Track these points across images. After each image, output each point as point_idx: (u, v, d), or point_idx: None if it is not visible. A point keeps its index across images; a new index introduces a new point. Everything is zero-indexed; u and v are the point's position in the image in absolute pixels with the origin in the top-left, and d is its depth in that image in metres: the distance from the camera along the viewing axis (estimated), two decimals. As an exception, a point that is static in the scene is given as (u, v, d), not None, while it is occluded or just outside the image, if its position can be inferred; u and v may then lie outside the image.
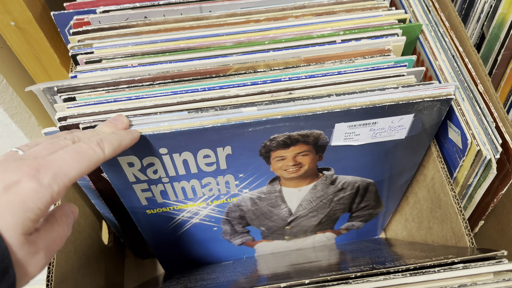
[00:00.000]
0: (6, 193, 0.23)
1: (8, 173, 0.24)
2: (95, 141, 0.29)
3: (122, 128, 0.33)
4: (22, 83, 0.63)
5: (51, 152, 0.27)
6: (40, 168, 0.25)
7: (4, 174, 0.24)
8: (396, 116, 0.36)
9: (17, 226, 0.23)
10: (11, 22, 0.51)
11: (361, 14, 0.43)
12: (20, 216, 0.23)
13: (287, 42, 0.41)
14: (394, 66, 0.38)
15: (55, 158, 0.26)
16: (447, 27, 0.44)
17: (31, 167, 0.24)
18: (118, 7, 0.44)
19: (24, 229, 0.23)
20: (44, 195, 0.24)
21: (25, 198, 0.23)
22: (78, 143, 0.28)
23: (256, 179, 0.42)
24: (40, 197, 0.24)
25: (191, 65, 0.40)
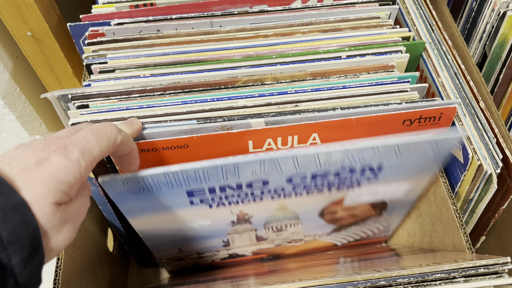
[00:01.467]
0: (37, 168, 0.24)
1: (38, 151, 0.25)
2: (110, 124, 0.31)
3: (137, 129, 0.35)
4: (35, 91, 0.65)
5: (74, 133, 0.28)
6: (67, 146, 0.26)
7: (34, 152, 0.25)
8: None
9: (48, 195, 0.24)
10: (28, 32, 0.53)
11: (366, 31, 0.44)
12: (52, 187, 0.24)
13: (294, 57, 0.42)
14: (397, 82, 0.39)
15: (78, 138, 0.27)
16: (450, 46, 0.46)
17: (58, 145, 0.26)
18: (132, 20, 0.45)
19: (56, 198, 0.24)
20: (74, 170, 0.25)
21: (56, 172, 0.24)
22: (95, 125, 0.30)
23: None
24: (70, 172, 0.25)
25: (201, 77, 0.41)
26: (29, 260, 0.22)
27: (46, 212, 0.23)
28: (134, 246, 0.58)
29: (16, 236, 0.22)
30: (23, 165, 0.24)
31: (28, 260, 0.22)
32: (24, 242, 0.22)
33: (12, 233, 0.21)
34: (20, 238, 0.22)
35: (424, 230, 0.50)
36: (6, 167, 0.24)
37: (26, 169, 0.24)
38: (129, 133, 0.34)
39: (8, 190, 0.22)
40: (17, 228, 0.22)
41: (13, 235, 0.21)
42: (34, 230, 0.23)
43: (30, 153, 0.25)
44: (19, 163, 0.24)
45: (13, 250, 0.21)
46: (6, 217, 0.21)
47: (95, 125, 0.31)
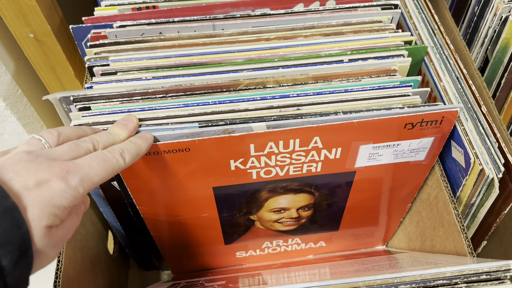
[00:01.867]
0: (37, 189, 0.25)
1: (41, 171, 0.26)
2: (118, 151, 0.31)
3: (133, 128, 0.35)
4: (36, 93, 0.65)
5: (77, 156, 0.29)
6: (70, 171, 0.27)
7: (37, 171, 0.25)
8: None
9: (42, 218, 0.24)
10: (30, 34, 0.53)
11: (369, 35, 0.44)
12: (46, 210, 0.25)
13: (296, 60, 0.42)
14: (399, 86, 0.39)
15: (83, 163, 0.28)
16: (452, 50, 0.46)
17: (62, 168, 0.26)
18: (134, 23, 0.45)
19: (48, 222, 0.25)
20: (70, 195, 0.26)
21: (53, 195, 0.25)
22: (103, 152, 0.30)
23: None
24: (67, 197, 0.26)
25: (203, 80, 0.41)
26: (18, 263, 0.23)
27: (38, 234, 0.24)
28: (134, 248, 0.58)
29: (7, 238, 0.22)
30: (24, 183, 0.25)
31: (18, 262, 0.23)
32: (15, 244, 0.23)
33: (3, 235, 0.22)
34: (11, 240, 0.22)
35: (426, 234, 0.50)
36: (8, 181, 0.24)
37: (26, 188, 0.25)
38: (125, 135, 0.34)
39: (1, 194, 0.23)
40: (8, 231, 0.22)
41: (4, 237, 0.22)
42: (24, 233, 0.23)
43: (33, 172, 0.25)
44: (21, 179, 0.25)
45: (4, 252, 0.22)
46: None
47: (100, 145, 0.31)
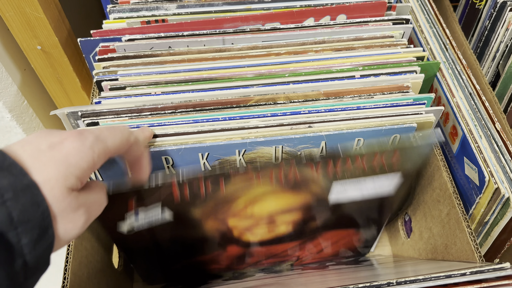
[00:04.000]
0: (50, 150, 0.24)
1: (52, 136, 0.25)
2: (123, 126, 0.31)
3: (148, 135, 0.36)
4: (42, 104, 0.65)
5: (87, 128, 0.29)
6: (82, 132, 0.26)
7: (48, 136, 0.25)
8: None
9: (59, 178, 0.24)
10: (38, 46, 0.52)
11: (380, 50, 0.44)
12: (63, 169, 0.24)
13: (307, 76, 0.42)
14: (413, 104, 0.38)
15: (93, 129, 0.28)
16: (464, 65, 0.45)
17: (74, 131, 0.26)
18: (143, 36, 0.45)
19: (66, 182, 0.24)
20: (86, 155, 0.25)
21: (68, 155, 0.25)
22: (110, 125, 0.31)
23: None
24: (83, 156, 0.25)
25: (212, 95, 0.41)
26: (38, 241, 0.22)
27: (56, 195, 0.24)
28: (139, 262, 0.57)
29: (27, 216, 0.22)
30: (36, 147, 0.24)
31: (38, 241, 0.22)
32: (34, 222, 0.22)
33: (23, 213, 0.22)
34: (30, 218, 0.22)
35: (437, 251, 0.49)
36: (20, 149, 0.24)
37: (39, 150, 0.24)
38: (141, 138, 0.34)
39: (19, 171, 0.22)
40: (27, 208, 0.22)
41: (23, 215, 0.22)
42: (44, 211, 0.23)
43: (44, 137, 0.25)
44: (32, 145, 0.24)
45: (23, 230, 0.22)
46: (17, 197, 0.21)
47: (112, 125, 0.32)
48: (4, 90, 0.56)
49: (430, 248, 0.51)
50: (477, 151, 0.40)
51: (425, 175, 0.49)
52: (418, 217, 0.52)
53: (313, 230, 0.48)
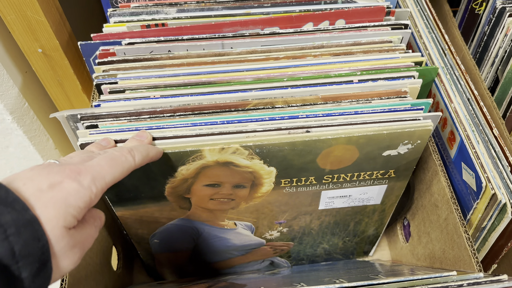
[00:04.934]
0: (50, 190, 0.25)
1: (52, 175, 0.26)
2: (126, 150, 0.32)
3: (147, 143, 0.36)
4: (43, 107, 0.65)
5: (86, 160, 0.29)
6: (81, 172, 0.27)
7: (49, 175, 0.26)
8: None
9: (59, 218, 0.25)
10: (39, 49, 0.53)
11: (378, 55, 0.44)
12: (62, 210, 0.25)
13: (305, 80, 0.42)
14: (410, 109, 0.38)
15: (92, 164, 0.28)
16: (463, 71, 0.45)
17: (73, 170, 0.27)
18: (143, 40, 0.45)
19: (65, 222, 0.25)
20: (84, 195, 0.26)
21: (67, 195, 0.25)
22: (111, 151, 0.31)
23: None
24: (81, 196, 0.26)
25: (211, 99, 0.41)
26: (38, 275, 0.23)
27: (56, 235, 0.25)
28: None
29: (28, 251, 0.23)
30: (37, 186, 0.25)
31: (37, 274, 0.23)
32: (34, 256, 0.23)
33: (24, 247, 0.22)
34: (31, 252, 0.23)
35: (435, 256, 0.49)
36: (22, 186, 0.25)
37: (40, 190, 0.25)
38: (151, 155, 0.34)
39: (22, 207, 0.23)
40: (28, 243, 0.23)
41: (24, 250, 0.22)
42: (44, 245, 0.24)
43: (45, 176, 0.26)
44: (34, 184, 0.25)
45: (24, 263, 0.22)
46: (19, 232, 0.22)
47: (109, 151, 0.31)
48: (5, 93, 0.57)
49: (428, 253, 0.51)
50: (475, 156, 0.40)
51: (423, 179, 0.49)
52: (416, 222, 0.52)
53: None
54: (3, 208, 0.22)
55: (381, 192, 0.45)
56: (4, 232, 0.22)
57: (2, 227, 0.22)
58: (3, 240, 0.22)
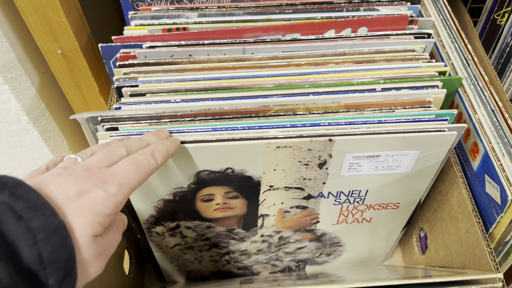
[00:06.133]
0: (79, 199, 0.25)
1: (80, 182, 0.26)
2: (149, 152, 0.32)
3: (165, 138, 0.36)
4: (59, 108, 0.65)
5: (111, 162, 0.29)
6: (107, 180, 0.27)
7: (76, 182, 0.26)
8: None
9: (87, 226, 0.25)
10: (58, 50, 0.53)
11: (401, 64, 0.43)
12: (90, 219, 0.25)
13: (327, 87, 0.41)
14: (435, 120, 0.38)
15: (118, 170, 0.28)
16: (486, 81, 0.45)
17: (99, 178, 0.27)
18: (164, 44, 0.45)
19: (92, 231, 0.25)
20: (111, 203, 0.26)
21: (95, 204, 0.26)
22: (134, 155, 0.31)
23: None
24: (108, 204, 0.26)
25: (232, 104, 0.41)
26: (64, 282, 0.23)
27: (83, 243, 0.25)
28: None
29: (55, 257, 0.23)
30: (66, 194, 0.25)
31: (63, 281, 0.23)
32: (61, 263, 0.23)
33: (52, 253, 0.22)
34: (58, 259, 0.23)
35: (454, 271, 0.48)
36: (50, 194, 0.25)
37: (68, 198, 0.25)
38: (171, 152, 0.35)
39: (51, 212, 0.23)
40: (56, 249, 0.23)
41: (52, 256, 0.22)
42: (70, 252, 0.24)
43: (73, 183, 0.26)
44: (62, 191, 0.25)
45: (51, 270, 0.22)
46: (47, 238, 0.22)
47: (133, 155, 0.31)
48: (23, 93, 0.57)
49: (447, 266, 0.50)
50: (500, 169, 0.39)
51: (442, 191, 0.49)
52: (434, 234, 0.52)
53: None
54: (32, 212, 0.22)
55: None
56: (34, 238, 0.22)
57: (31, 232, 0.22)
58: (32, 246, 0.22)
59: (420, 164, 0.40)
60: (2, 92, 0.55)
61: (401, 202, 0.46)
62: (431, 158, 0.40)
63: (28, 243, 0.22)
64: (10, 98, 0.56)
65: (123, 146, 0.32)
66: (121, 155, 0.30)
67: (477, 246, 0.43)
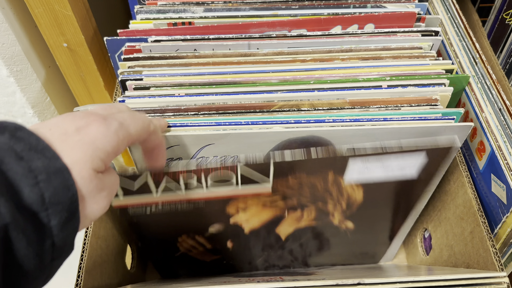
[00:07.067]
0: (77, 134, 0.25)
1: (78, 119, 0.26)
2: (143, 114, 0.32)
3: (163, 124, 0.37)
4: (64, 102, 0.65)
5: (109, 112, 0.29)
6: (107, 117, 0.27)
7: (74, 120, 0.26)
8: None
9: (87, 160, 0.24)
10: (64, 43, 0.53)
11: (408, 61, 0.43)
12: (90, 152, 0.25)
13: (332, 84, 0.41)
14: (441, 118, 0.37)
15: (116, 115, 0.28)
16: (494, 80, 0.44)
17: (99, 116, 0.27)
18: (169, 38, 0.45)
19: (93, 164, 0.25)
20: (112, 139, 0.26)
21: (95, 139, 0.25)
22: (133, 111, 0.31)
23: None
24: (108, 140, 0.26)
25: (236, 99, 0.40)
26: (66, 224, 0.23)
27: (84, 177, 0.24)
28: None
29: (57, 198, 0.22)
30: (63, 130, 0.25)
31: (66, 223, 0.23)
32: (64, 205, 0.23)
33: (54, 195, 0.22)
34: (60, 201, 0.23)
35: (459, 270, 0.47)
36: (47, 131, 0.24)
37: (66, 134, 0.25)
38: (159, 126, 0.35)
39: (52, 155, 0.23)
40: (58, 191, 0.22)
41: (54, 197, 0.22)
42: (73, 195, 0.23)
43: (70, 121, 0.26)
44: (59, 128, 0.25)
45: (53, 211, 0.22)
46: (49, 179, 0.22)
47: (132, 111, 0.32)
48: (28, 86, 0.57)
49: (451, 266, 0.49)
50: (506, 168, 0.39)
51: (448, 191, 0.48)
52: (439, 234, 0.51)
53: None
54: (34, 154, 0.22)
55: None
56: (35, 178, 0.22)
57: (33, 172, 0.22)
58: (34, 186, 0.22)
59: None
60: (8, 85, 0.55)
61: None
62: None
63: (30, 183, 0.22)
64: (16, 91, 0.56)
65: (121, 104, 0.33)
66: (119, 108, 0.31)
67: (482, 246, 0.42)
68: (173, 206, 0.41)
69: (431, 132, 0.37)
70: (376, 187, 0.41)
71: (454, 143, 0.37)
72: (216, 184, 0.38)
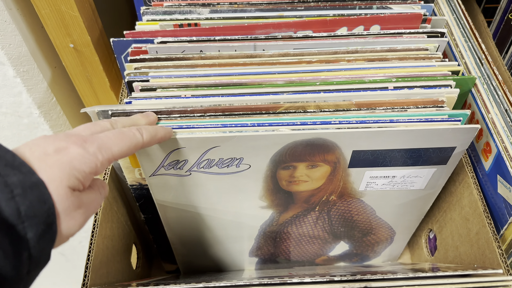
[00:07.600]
0: (56, 154, 0.26)
1: (58, 141, 0.27)
2: (135, 128, 0.32)
3: (153, 120, 0.37)
4: (70, 102, 0.65)
5: (93, 132, 0.30)
6: (87, 140, 0.28)
7: (55, 141, 0.27)
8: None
9: (63, 178, 0.25)
10: (70, 44, 0.53)
11: (414, 63, 0.43)
12: (67, 171, 0.25)
13: (338, 85, 0.41)
14: (448, 120, 0.37)
15: (100, 136, 0.29)
16: (500, 81, 0.44)
17: (79, 138, 0.28)
18: (175, 39, 0.45)
19: (69, 182, 0.25)
20: (90, 161, 0.27)
21: (73, 159, 0.26)
22: (120, 128, 0.31)
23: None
24: (86, 161, 0.27)
25: (242, 100, 0.40)
26: (43, 236, 0.24)
27: (60, 194, 0.25)
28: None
29: (33, 212, 0.23)
30: (44, 150, 0.26)
31: (42, 236, 0.24)
32: (40, 218, 0.23)
33: (30, 208, 0.23)
34: (37, 214, 0.23)
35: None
36: (28, 150, 0.25)
37: (45, 153, 0.26)
38: (145, 122, 0.36)
39: (28, 170, 0.24)
40: (34, 204, 0.23)
41: (30, 210, 0.23)
42: (49, 208, 0.24)
43: (51, 142, 0.27)
44: (40, 148, 0.26)
45: (30, 224, 0.23)
46: (25, 193, 0.23)
47: (120, 129, 0.32)
48: (34, 86, 0.57)
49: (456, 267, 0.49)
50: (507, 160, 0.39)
51: (454, 192, 0.48)
52: (444, 235, 0.51)
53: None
54: (9, 170, 0.23)
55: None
56: (11, 192, 0.22)
57: (9, 187, 0.22)
58: (10, 200, 0.22)
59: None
60: (15, 85, 0.55)
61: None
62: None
63: (5, 197, 0.22)
64: (22, 91, 0.56)
65: (108, 121, 0.32)
66: (104, 127, 0.31)
67: (487, 247, 0.42)
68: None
69: (438, 134, 0.37)
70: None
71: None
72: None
